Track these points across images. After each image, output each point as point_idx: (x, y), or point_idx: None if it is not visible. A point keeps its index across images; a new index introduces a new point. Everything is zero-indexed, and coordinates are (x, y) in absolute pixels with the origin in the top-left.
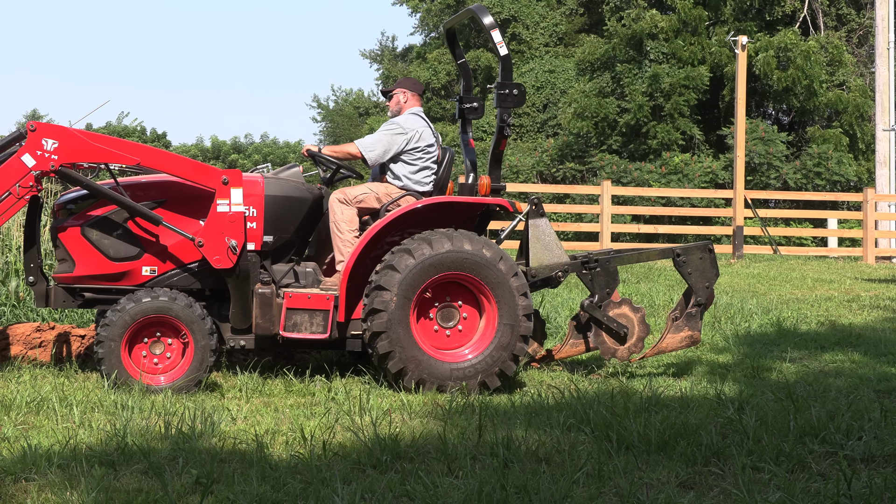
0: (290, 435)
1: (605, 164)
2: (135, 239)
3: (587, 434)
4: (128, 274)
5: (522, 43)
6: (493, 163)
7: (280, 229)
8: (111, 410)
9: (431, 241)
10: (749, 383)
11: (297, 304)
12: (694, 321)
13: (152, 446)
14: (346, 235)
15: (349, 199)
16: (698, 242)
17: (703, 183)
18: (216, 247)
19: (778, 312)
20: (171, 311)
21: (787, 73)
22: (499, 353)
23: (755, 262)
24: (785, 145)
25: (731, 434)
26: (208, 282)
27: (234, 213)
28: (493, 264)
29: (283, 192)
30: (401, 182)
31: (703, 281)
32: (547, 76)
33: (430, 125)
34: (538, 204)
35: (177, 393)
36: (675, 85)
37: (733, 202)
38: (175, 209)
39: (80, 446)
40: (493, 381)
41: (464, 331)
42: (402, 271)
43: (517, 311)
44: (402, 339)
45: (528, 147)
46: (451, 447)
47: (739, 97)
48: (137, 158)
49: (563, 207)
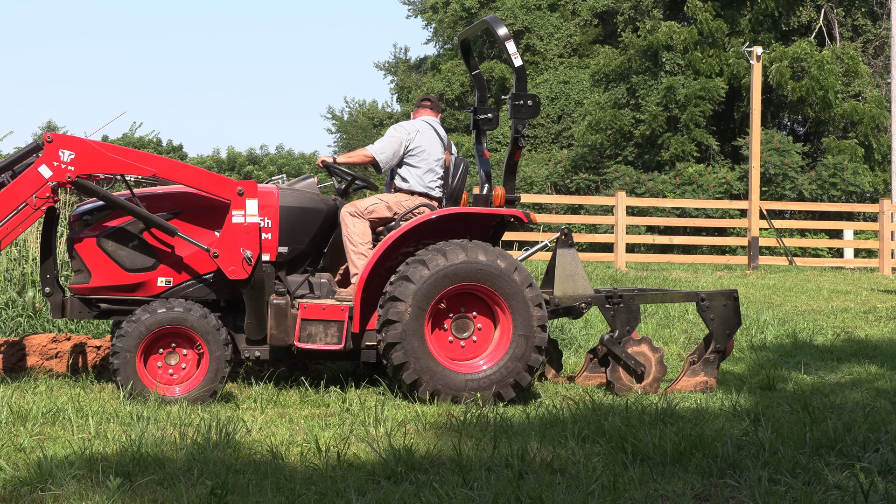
0: (305, 446)
1: (619, 175)
2: (150, 250)
3: (602, 445)
4: (143, 285)
5: (536, 54)
6: (507, 173)
7: (295, 240)
8: (126, 421)
9: (446, 251)
10: (765, 395)
11: (312, 315)
12: (711, 367)
13: (167, 457)
14: (360, 248)
15: (360, 212)
16: (724, 290)
17: (718, 194)
18: (231, 258)
19: (794, 324)
20: (187, 322)
21: (802, 83)
22: (513, 364)
23: (770, 274)
24: (800, 156)
25: (747, 446)
26: (223, 292)
27: (250, 224)
28: (508, 275)
29: (298, 202)
30: (408, 184)
31: (724, 328)
32: (561, 87)
33: (440, 131)
34: (568, 234)
35: (192, 404)
36: (691, 96)
37: (748, 213)
38: (190, 220)
39: (95, 457)
40: (507, 392)
41: (478, 342)
42: (417, 282)
43: (532, 321)
44: (416, 349)
45: (543, 158)
46: (465, 459)
47: (754, 108)
48: (153, 169)
49: (577, 218)
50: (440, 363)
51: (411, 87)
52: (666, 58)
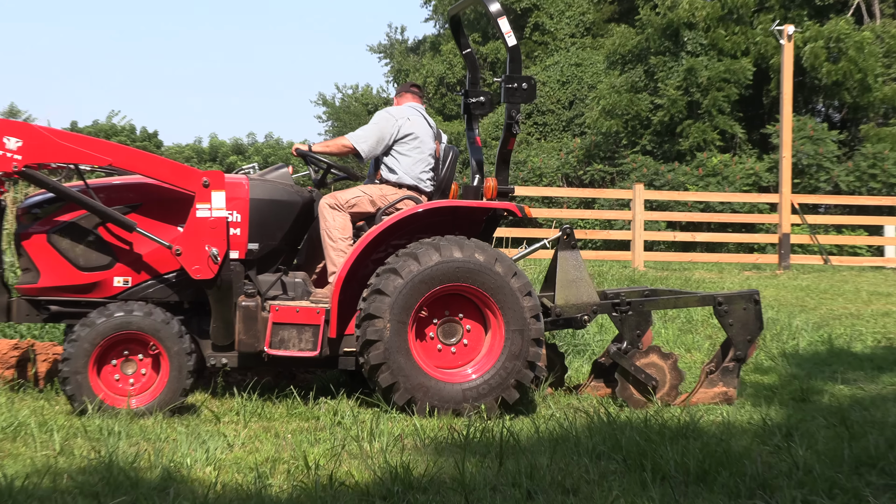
0: (293, 463)
1: (636, 165)
2: (106, 247)
3: (619, 463)
4: (98, 285)
5: (546, 34)
6: (500, 163)
7: (266, 236)
8: (95, 436)
9: (417, 254)
10: (798, 407)
11: (285, 319)
12: (730, 377)
13: (141, 476)
14: (339, 244)
15: (340, 204)
16: (744, 291)
17: (745, 186)
18: (196, 256)
19: (829, 329)
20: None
21: (839, 65)
22: (511, 362)
23: (804, 274)
24: (836, 145)
25: (779, 464)
26: (187, 294)
27: (216, 219)
28: (489, 268)
29: (269, 195)
30: (396, 176)
31: (744, 334)
32: (573, 70)
33: (429, 119)
34: (570, 234)
35: (148, 416)
36: (715, 79)
37: (779, 207)
38: (151, 214)
39: (60, 476)
40: (511, 394)
41: (470, 345)
42: (392, 294)
43: (523, 313)
44: (404, 367)
45: (553, 147)
46: (468, 477)
47: (785, 92)
48: (109, 158)
49: (590, 213)
50: (432, 376)
51: (409, 70)
52: (687, 37)
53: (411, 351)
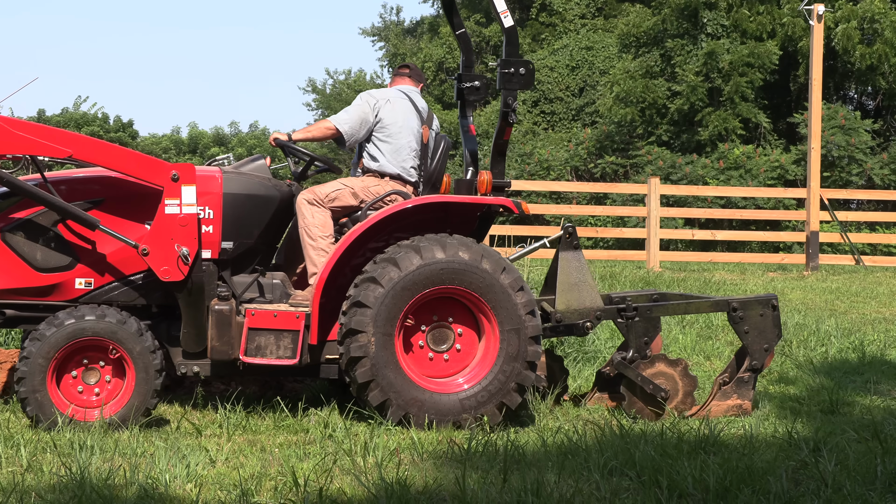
0: (280, 479)
1: (652, 158)
2: (66, 246)
3: (632, 479)
4: (58, 287)
5: (554, 14)
6: (495, 155)
7: (242, 234)
8: (66, 451)
9: (397, 259)
10: (826, 420)
11: (261, 324)
12: (745, 388)
13: (115, 494)
14: (319, 243)
15: (320, 199)
16: (761, 295)
17: (770, 180)
18: (164, 256)
19: (861, 335)
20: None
21: (874, 48)
22: (510, 364)
23: (833, 275)
24: (870, 135)
25: (806, 480)
26: (156, 296)
27: (186, 216)
28: (476, 266)
29: (245, 189)
30: (378, 164)
31: (761, 342)
32: (584, 54)
33: (418, 102)
34: (573, 233)
35: (125, 427)
36: (737, 63)
37: (807, 203)
38: (115, 211)
39: (28, 494)
40: (512, 398)
41: (463, 350)
42: (373, 305)
43: (517, 310)
44: (394, 383)
45: (562, 138)
46: (470, 494)
47: (814, 77)
48: (69, 150)
49: (602, 210)
50: (426, 388)
51: (405, 54)
52: (707, 17)
53: (401, 364)
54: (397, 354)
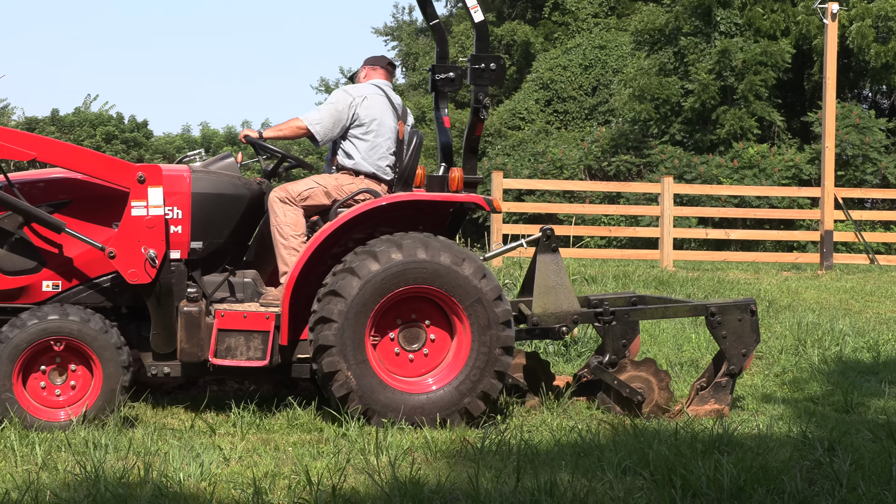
0: (294, 478)
1: (665, 157)
2: (32, 249)
3: (646, 479)
4: (26, 290)
5: (567, 13)
6: (467, 151)
7: (211, 233)
8: (80, 450)
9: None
10: (841, 419)
11: (231, 325)
12: (723, 393)
13: (130, 493)
14: (291, 241)
15: (292, 198)
16: (739, 300)
17: (784, 179)
18: (131, 258)
19: (876, 335)
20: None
21: (888, 46)
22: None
23: (848, 274)
24: (884, 134)
25: (820, 480)
26: (125, 298)
27: (153, 217)
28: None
29: (213, 188)
30: (353, 162)
31: (739, 347)
32: (597, 53)
33: (393, 97)
34: (551, 236)
35: (128, 427)
36: (751, 62)
37: (821, 202)
38: (82, 213)
39: (43, 493)
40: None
41: (432, 354)
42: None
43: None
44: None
45: (575, 137)
46: (483, 493)
47: (829, 76)
48: (33, 152)
49: (615, 209)
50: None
51: (418, 54)
52: (720, 15)
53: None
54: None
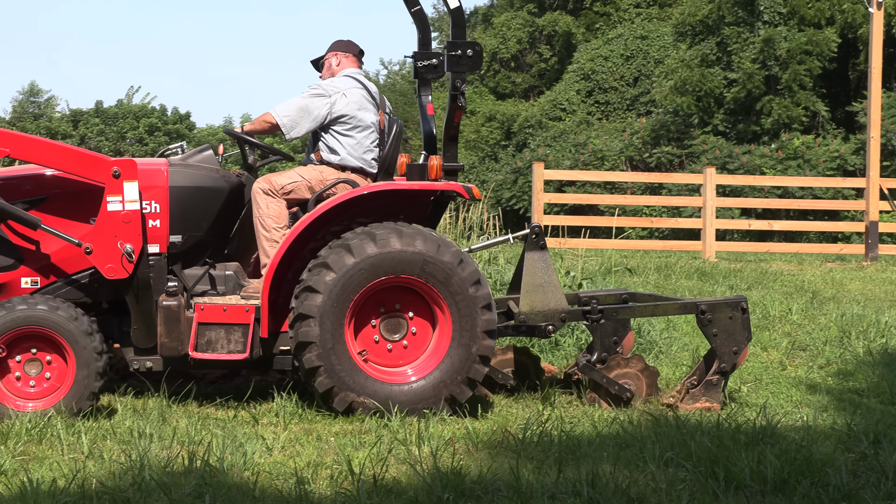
0: (336, 468)
1: (708, 147)
2: (8, 246)
3: (688, 470)
4: (4, 287)
5: (608, 4)
6: (447, 139)
7: (190, 227)
8: (126, 438)
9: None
10: (886, 412)
11: (211, 318)
12: (714, 391)
13: (174, 481)
14: (273, 234)
15: (275, 190)
16: (730, 297)
17: (828, 170)
18: (108, 254)
19: None
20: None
21: None
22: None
23: (893, 265)
24: None
25: (865, 473)
26: (104, 293)
27: (129, 212)
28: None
29: (192, 181)
30: (339, 157)
31: (730, 344)
32: (638, 44)
33: (369, 86)
34: (539, 234)
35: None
36: (795, 51)
37: (866, 193)
38: (58, 209)
39: (89, 481)
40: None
41: (413, 343)
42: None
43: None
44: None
45: (616, 128)
46: (525, 484)
47: (874, 65)
48: (6, 149)
49: (657, 200)
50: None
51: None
52: (764, 4)
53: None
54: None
